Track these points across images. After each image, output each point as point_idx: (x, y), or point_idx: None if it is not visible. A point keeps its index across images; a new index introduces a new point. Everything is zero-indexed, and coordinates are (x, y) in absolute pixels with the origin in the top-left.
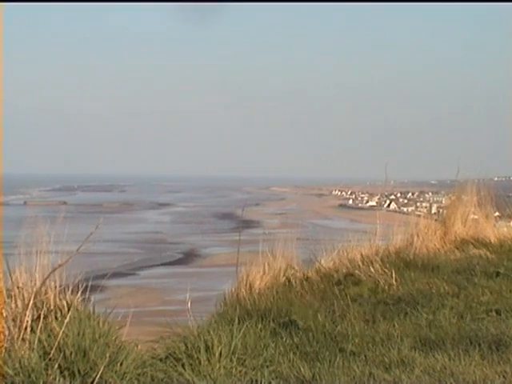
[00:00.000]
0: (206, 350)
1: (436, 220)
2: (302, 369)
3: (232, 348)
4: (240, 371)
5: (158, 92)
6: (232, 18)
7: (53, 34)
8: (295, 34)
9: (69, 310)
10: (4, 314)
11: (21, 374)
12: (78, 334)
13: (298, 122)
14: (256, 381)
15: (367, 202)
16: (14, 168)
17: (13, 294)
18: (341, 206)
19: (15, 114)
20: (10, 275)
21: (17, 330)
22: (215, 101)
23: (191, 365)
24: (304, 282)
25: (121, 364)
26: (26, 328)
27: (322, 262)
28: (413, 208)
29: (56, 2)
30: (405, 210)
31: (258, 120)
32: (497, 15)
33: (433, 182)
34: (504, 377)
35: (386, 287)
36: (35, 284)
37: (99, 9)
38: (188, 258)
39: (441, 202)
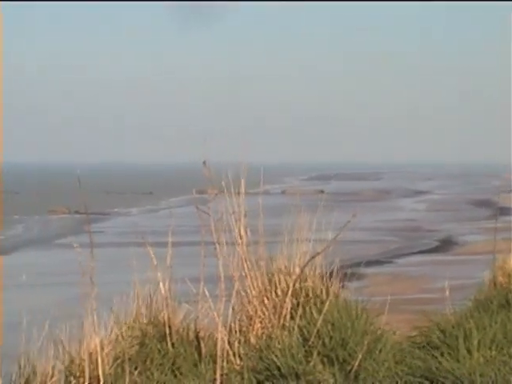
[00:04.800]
0: (465, 339)
1: None
2: None
3: (491, 336)
4: (499, 360)
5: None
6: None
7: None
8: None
9: (327, 297)
10: (265, 302)
11: (281, 361)
12: (337, 322)
13: None
14: None
15: None
16: (275, 158)
17: (273, 281)
18: None
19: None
20: (272, 263)
21: (277, 316)
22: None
23: (449, 353)
24: None
25: (379, 352)
26: (285, 315)
27: None
28: None
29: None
30: None
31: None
32: None
33: None
34: None
35: None
36: (295, 271)
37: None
38: (445, 245)
39: None
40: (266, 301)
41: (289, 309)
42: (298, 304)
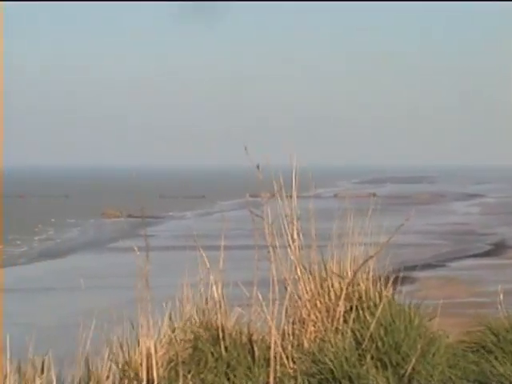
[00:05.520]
0: None
1: None
2: None
3: None
4: None
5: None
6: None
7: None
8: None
9: (380, 300)
10: (318, 305)
11: (335, 364)
12: (390, 326)
13: None
14: None
15: None
16: (327, 160)
17: (326, 284)
18: None
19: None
20: (324, 266)
21: (330, 320)
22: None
23: (504, 357)
24: None
25: (433, 356)
26: (338, 318)
27: None
28: None
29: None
30: None
31: None
32: None
33: None
34: None
35: None
36: (347, 275)
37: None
38: (498, 249)
39: None
40: (318, 304)
41: (342, 312)
42: (350, 308)
